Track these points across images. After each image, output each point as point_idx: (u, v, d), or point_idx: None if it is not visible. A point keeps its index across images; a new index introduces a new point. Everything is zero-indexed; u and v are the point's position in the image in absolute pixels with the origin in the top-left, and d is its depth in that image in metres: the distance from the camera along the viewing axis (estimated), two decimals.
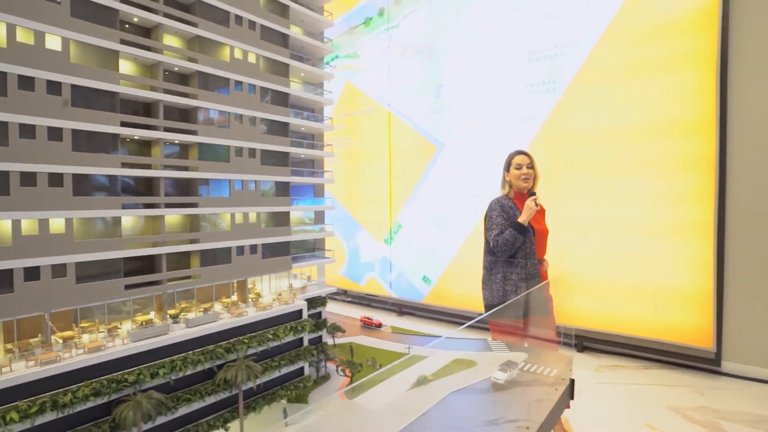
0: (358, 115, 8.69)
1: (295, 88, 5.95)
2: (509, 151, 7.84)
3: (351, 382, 6.71)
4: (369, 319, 8.19)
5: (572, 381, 2.68)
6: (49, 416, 3.65)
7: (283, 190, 5.94)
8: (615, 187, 6.26)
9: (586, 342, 6.19)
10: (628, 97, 6.27)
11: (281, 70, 5.86)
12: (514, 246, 2.27)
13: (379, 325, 8.05)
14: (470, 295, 7.63)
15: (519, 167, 2.36)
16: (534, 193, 2.30)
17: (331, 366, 7.08)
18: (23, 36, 3.69)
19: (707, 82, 5.47)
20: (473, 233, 8.44)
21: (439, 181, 8.95)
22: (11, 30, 3.57)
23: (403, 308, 8.41)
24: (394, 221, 9.76)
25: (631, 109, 6.21)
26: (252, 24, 5.41)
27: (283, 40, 5.93)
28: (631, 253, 6.19)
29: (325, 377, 7.02)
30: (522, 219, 2.26)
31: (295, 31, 6.14)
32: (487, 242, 2.40)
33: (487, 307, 2.37)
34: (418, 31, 9.36)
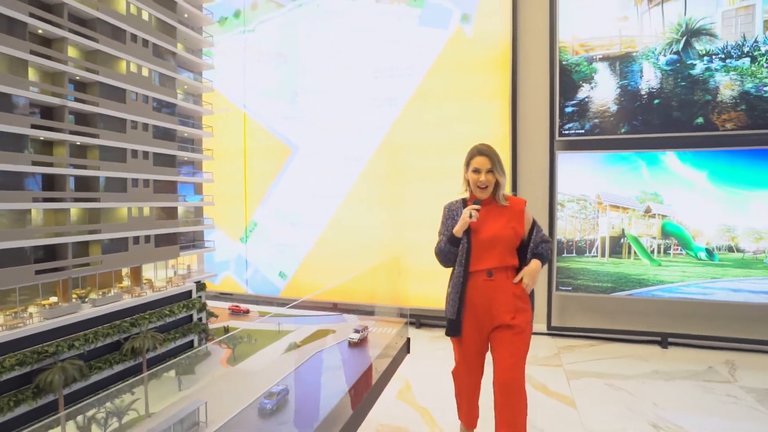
0: (214, 114, 8.70)
1: (180, 99, 7.02)
2: (359, 157, 10.32)
3: (232, 354, 7.90)
4: (237, 306, 8.90)
5: (408, 339, 3.22)
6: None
7: (171, 187, 6.82)
8: (437, 189, 7.62)
9: (423, 320, 7.25)
10: (448, 116, 7.91)
11: (169, 83, 6.88)
12: (447, 258, 2.08)
13: (247, 312, 8.92)
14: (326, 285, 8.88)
15: (477, 171, 2.03)
16: (479, 202, 2.02)
17: (211, 346, 8.08)
18: None
19: (504, 108, 7.53)
20: (325, 230, 9.18)
21: (294, 181, 9.43)
22: None
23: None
24: (250, 219, 9.73)
25: (449, 126, 7.88)
26: (145, 42, 6.35)
27: (171, 56, 6.92)
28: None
29: (207, 353, 8.08)
30: (456, 230, 2.00)
31: (179, 50, 7.19)
32: None
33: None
34: (275, 39, 9.63)
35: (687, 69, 7.20)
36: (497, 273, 2.01)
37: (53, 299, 5.27)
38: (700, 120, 7.11)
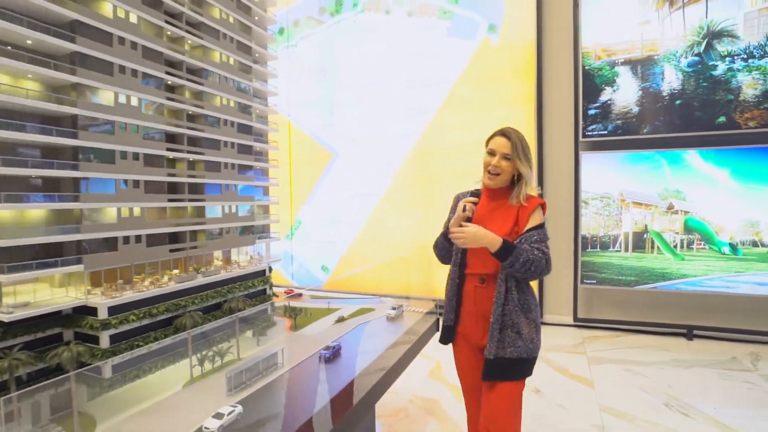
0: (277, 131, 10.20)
1: (255, 122, 9.03)
2: (393, 161, 11.10)
3: (294, 323, 9.82)
4: (292, 290, 10.98)
5: (438, 319, 3.33)
6: (146, 321, 6.33)
7: (247, 190, 8.97)
8: (464, 191, 9.55)
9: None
10: (475, 123, 8.66)
11: (247, 110, 8.89)
12: (442, 254, 1.88)
13: (300, 295, 11.07)
14: (367, 279, 9.98)
15: (491, 153, 1.73)
16: (478, 193, 1.79)
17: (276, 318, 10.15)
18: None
19: (529, 113, 8.10)
20: (363, 228, 10.19)
21: (335, 183, 10.52)
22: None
23: None
24: (295, 218, 11.00)
25: (477, 132, 8.55)
26: (232, 81, 8.38)
27: (249, 90, 8.95)
28: None
29: (274, 323, 10.12)
30: (451, 223, 1.73)
31: (253, 83, 9.19)
32: None
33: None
34: (315, 53, 10.69)
35: (708, 70, 7.46)
36: (491, 281, 1.67)
37: (176, 271, 7.54)
38: (722, 119, 7.36)
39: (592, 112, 8.10)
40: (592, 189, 8.16)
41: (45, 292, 5.64)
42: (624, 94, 7.91)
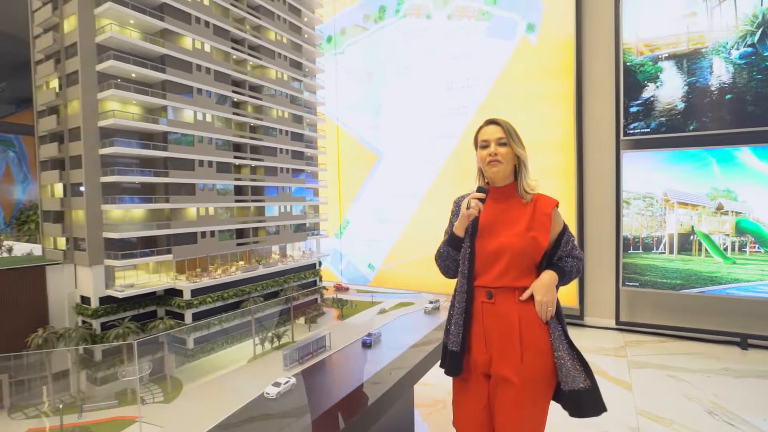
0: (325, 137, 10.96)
1: (306, 130, 10.04)
2: (435, 160, 11.07)
3: (340, 313, 10.61)
4: (340, 285, 11.24)
5: None
6: (219, 303, 7.56)
7: (300, 191, 10.04)
8: None
9: None
10: (515, 121, 10.57)
11: (298, 119, 9.92)
12: (446, 264, 1.59)
13: (347, 288, 11.09)
14: (410, 276, 10.46)
15: (485, 145, 1.56)
16: (484, 189, 1.49)
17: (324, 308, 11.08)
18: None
19: (568, 112, 8.04)
20: (407, 227, 10.68)
21: (380, 183, 11.13)
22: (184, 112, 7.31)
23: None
24: (344, 218, 11.69)
25: (519, 130, 10.36)
26: (286, 95, 9.43)
27: (300, 101, 9.98)
28: None
29: (322, 312, 11.02)
30: (456, 227, 1.51)
31: (304, 94, 10.21)
32: None
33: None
34: (361, 58, 11.33)
35: (764, 61, 7.16)
36: (501, 295, 1.45)
37: (241, 262, 8.75)
38: None
39: (633, 109, 8.01)
40: (634, 189, 8.03)
41: (143, 277, 7.02)
42: (668, 90, 7.75)
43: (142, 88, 6.46)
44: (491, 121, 1.63)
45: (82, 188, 6.10)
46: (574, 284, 7.77)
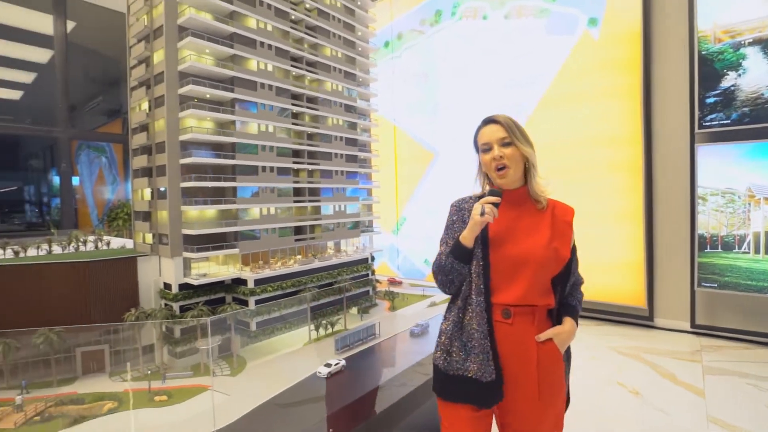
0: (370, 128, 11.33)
1: (359, 135, 10.62)
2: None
3: (392, 305, 11.03)
4: (394, 279, 12.10)
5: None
6: (278, 292, 8.47)
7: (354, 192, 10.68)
8: (571, 186, 8.12)
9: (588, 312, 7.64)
10: (576, 118, 8.30)
11: (352, 125, 10.54)
12: (449, 279, 1.31)
13: (400, 282, 11.93)
14: None
15: (487, 148, 1.34)
16: (497, 192, 1.24)
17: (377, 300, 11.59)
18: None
19: (635, 107, 7.66)
20: None
21: (436, 181, 11.41)
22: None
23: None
24: (401, 215, 12.19)
25: (578, 128, 8.24)
26: (341, 104, 10.10)
27: (353, 109, 10.60)
28: (586, 235, 7.41)
29: (375, 304, 11.55)
30: (464, 236, 1.26)
31: (358, 102, 10.81)
32: None
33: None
34: (417, 61, 11.61)
35: None
36: (520, 316, 1.21)
37: (299, 256, 9.62)
38: None
39: (710, 100, 7.24)
40: (711, 184, 7.28)
41: (213, 268, 8.16)
42: (752, 78, 6.88)
43: (215, 106, 7.53)
44: (490, 120, 1.36)
45: (163, 190, 7.31)
46: (641, 283, 7.45)
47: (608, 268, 7.77)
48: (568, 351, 1.34)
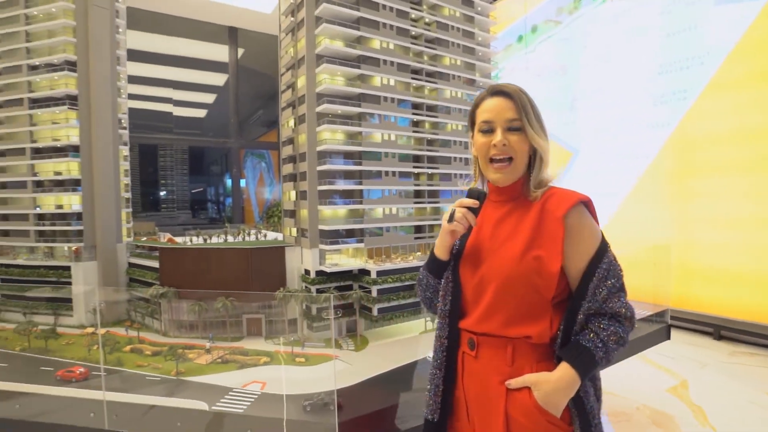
0: None
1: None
2: (640, 154, 8.35)
3: None
4: None
5: (668, 326, 3.36)
6: (397, 284, 9.28)
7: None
8: (737, 185, 6.47)
9: (723, 330, 5.66)
10: (753, 104, 6.24)
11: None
12: (425, 296, 0.95)
13: None
14: None
15: (486, 128, 0.84)
16: (481, 192, 0.83)
17: None
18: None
19: None
20: (607, 227, 9.42)
21: (576, 182, 9.85)
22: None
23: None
24: None
25: (755, 115, 6.21)
26: (458, 110, 10.40)
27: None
28: (760, 244, 5.93)
29: None
30: (437, 246, 0.89)
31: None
32: None
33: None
34: (553, 53, 10.76)
35: None
36: (485, 347, 0.86)
37: (418, 253, 10.30)
38: None
39: None
40: None
41: (343, 259, 9.41)
42: None
43: (346, 120, 8.72)
44: (498, 91, 0.88)
45: (305, 191, 8.69)
46: None
47: None
48: (588, 399, 0.82)
